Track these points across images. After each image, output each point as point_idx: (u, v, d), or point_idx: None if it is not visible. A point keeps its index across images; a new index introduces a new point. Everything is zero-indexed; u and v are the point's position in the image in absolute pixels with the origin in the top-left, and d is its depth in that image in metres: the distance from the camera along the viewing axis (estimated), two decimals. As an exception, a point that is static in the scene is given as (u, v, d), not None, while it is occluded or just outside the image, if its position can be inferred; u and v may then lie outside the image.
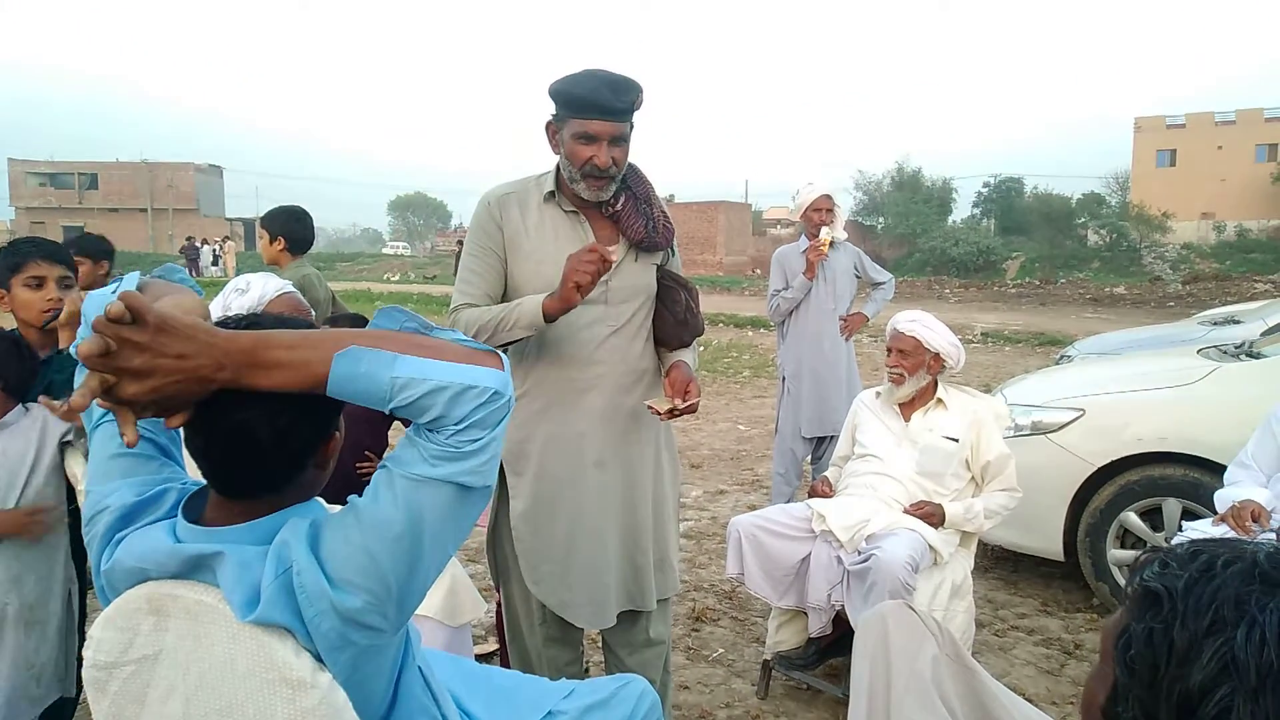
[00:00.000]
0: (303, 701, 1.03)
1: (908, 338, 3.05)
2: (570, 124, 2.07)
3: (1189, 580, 0.76)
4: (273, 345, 1.00)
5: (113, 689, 1.10)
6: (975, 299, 23.45)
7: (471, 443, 1.04)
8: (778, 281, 4.52)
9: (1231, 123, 42.77)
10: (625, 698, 1.60)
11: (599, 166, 2.07)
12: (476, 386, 1.03)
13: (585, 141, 2.06)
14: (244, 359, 0.99)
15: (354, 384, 1.01)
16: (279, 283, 2.25)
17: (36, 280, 2.27)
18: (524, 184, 2.23)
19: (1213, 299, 18.06)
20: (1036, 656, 3.30)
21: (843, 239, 4.45)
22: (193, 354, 0.97)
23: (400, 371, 1.00)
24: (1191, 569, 0.77)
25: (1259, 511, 2.65)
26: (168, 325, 0.96)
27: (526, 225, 2.17)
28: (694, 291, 2.29)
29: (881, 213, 46.16)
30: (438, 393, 1.01)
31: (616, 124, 2.06)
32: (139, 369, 0.95)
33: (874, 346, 12.55)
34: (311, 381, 1.01)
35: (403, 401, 1.01)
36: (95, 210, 51.31)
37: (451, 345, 1.07)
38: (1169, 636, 0.75)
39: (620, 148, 2.10)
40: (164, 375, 0.96)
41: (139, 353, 0.95)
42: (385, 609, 1.06)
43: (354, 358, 1.00)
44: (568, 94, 2.06)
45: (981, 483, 3.05)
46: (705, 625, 3.57)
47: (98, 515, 1.17)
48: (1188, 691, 0.72)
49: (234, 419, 1.04)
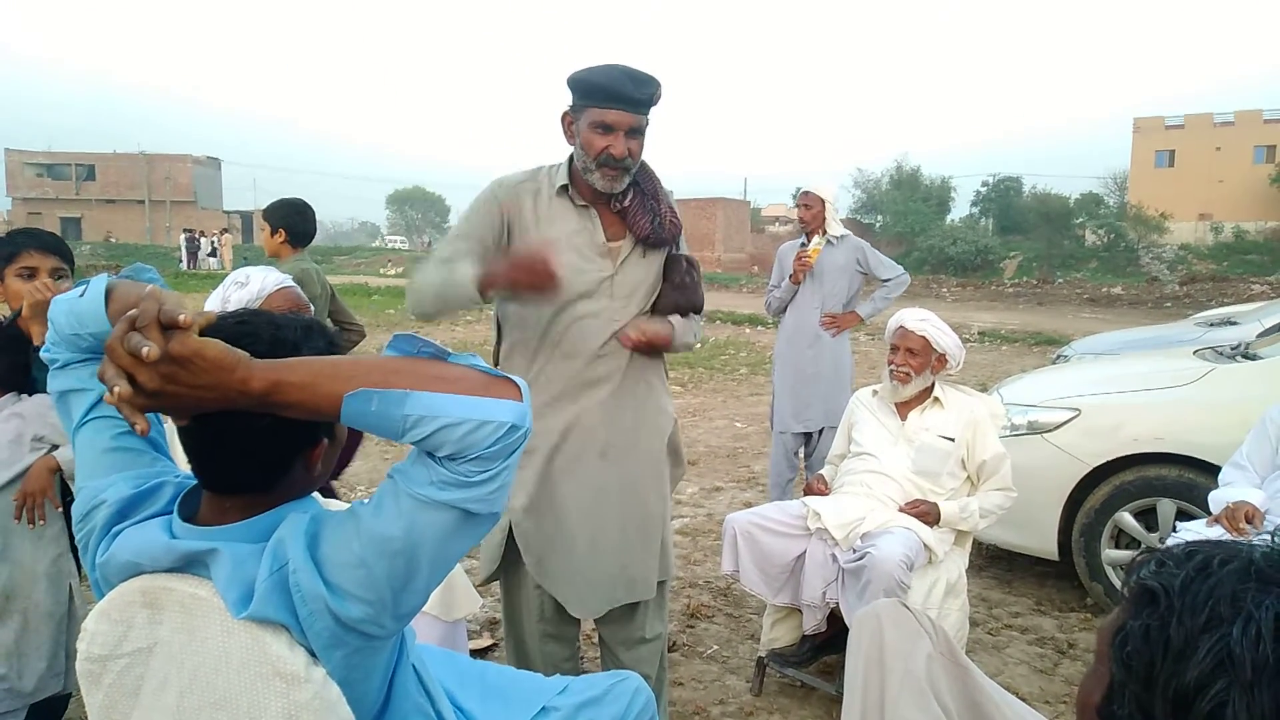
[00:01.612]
0: (296, 696, 1.03)
1: (917, 337, 3.05)
2: (588, 113, 2.08)
3: (1185, 578, 0.77)
4: (284, 387, 0.99)
5: (106, 682, 1.10)
6: (973, 298, 23.47)
7: (481, 473, 1.02)
8: (775, 277, 4.56)
9: (1230, 124, 42.79)
10: (620, 694, 1.60)
11: (615, 156, 2.07)
12: (492, 421, 1.00)
13: (602, 131, 2.07)
14: (259, 398, 0.99)
15: (365, 420, 1.00)
16: (278, 276, 2.25)
17: (29, 271, 2.27)
18: (537, 175, 2.23)
19: (1210, 300, 18.08)
20: (1030, 655, 3.30)
21: (840, 235, 4.41)
22: (210, 386, 0.98)
23: (411, 409, 0.98)
24: (1188, 568, 0.78)
25: (1253, 513, 2.66)
26: (194, 361, 0.96)
27: (538, 216, 2.17)
28: (696, 264, 2.30)
29: (880, 211, 46.17)
30: (451, 428, 0.99)
31: (635, 115, 2.08)
32: (156, 391, 0.97)
33: (871, 345, 12.56)
34: (326, 416, 1.02)
35: (416, 437, 1.00)
36: (92, 201, 51.23)
37: (468, 375, 1.04)
38: (1165, 633, 0.75)
39: (636, 140, 2.11)
40: (180, 399, 0.99)
41: (165, 380, 0.96)
42: (382, 619, 1.06)
43: (364, 399, 0.99)
44: (588, 83, 2.07)
45: (977, 482, 3.06)
46: (700, 622, 3.57)
47: (94, 510, 1.16)
48: (1184, 687, 0.73)
49: (214, 418, 1.04)
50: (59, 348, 1.21)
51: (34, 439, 2.23)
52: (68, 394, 1.23)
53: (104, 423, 1.22)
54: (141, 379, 0.96)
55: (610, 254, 2.18)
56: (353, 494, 5.21)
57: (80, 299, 1.17)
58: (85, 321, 1.16)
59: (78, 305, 1.17)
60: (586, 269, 2.15)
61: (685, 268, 2.26)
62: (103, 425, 1.22)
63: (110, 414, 1.21)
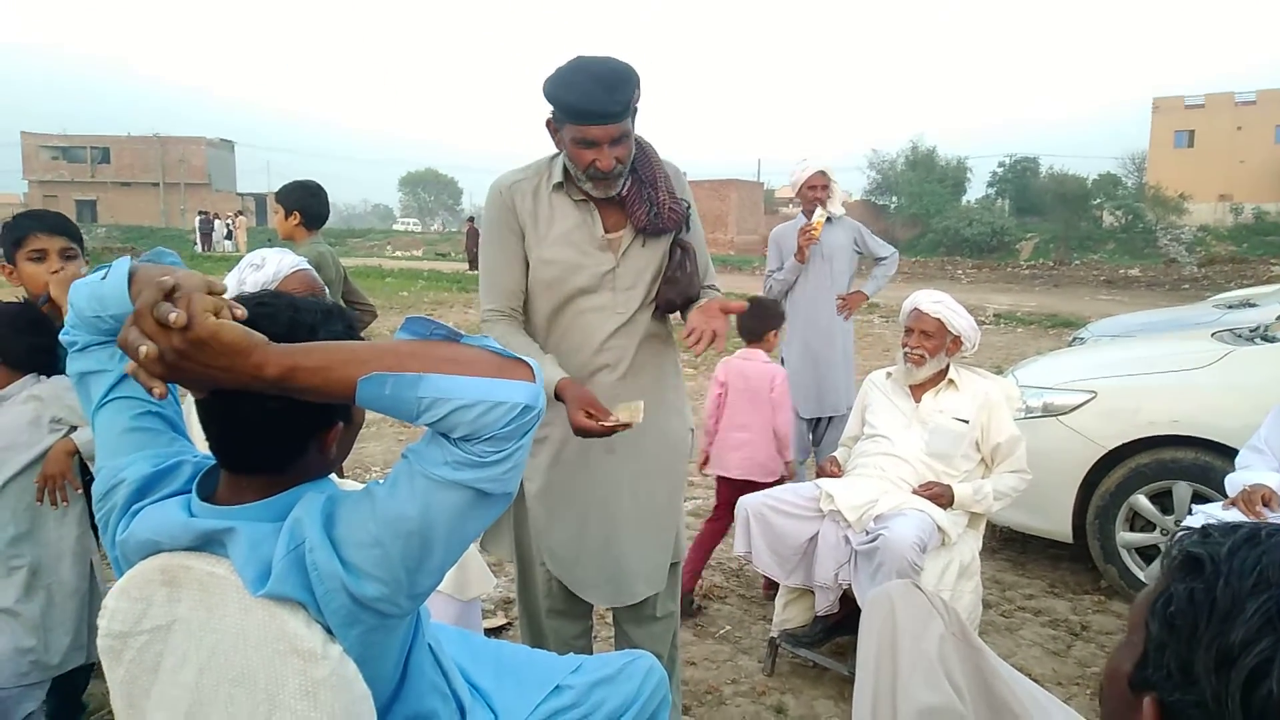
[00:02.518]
0: (314, 672, 1.04)
1: (931, 319, 3.03)
2: (568, 129, 2.01)
3: (1233, 545, 0.77)
4: (299, 372, 1.01)
5: (127, 658, 1.12)
6: (988, 280, 23.30)
7: (496, 453, 1.03)
8: (773, 261, 4.45)
9: (1252, 103, 42.16)
10: (633, 673, 1.61)
11: (602, 170, 2.02)
12: (506, 403, 1.01)
13: (585, 146, 2.00)
14: (274, 383, 1.01)
15: (379, 404, 1.01)
16: (294, 259, 2.25)
17: (39, 253, 2.28)
18: (533, 170, 2.19)
19: (1228, 282, 17.89)
20: (1043, 637, 3.30)
21: (840, 215, 4.35)
22: (228, 368, 1.00)
23: (425, 392, 0.99)
24: (1235, 537, 0.78)
25: (1270, 495, 2.64)
26: (209, 343, 0.98)
27: (537, 213, 2.15)
28: (691, 252, 2.23)
29: (895, 192, 45.83)
30: (465, 409, 1.00)
31: (615, 125, 1.98)
32: (173, 365, 0.99)
33: (884, 327, 12.51)
34: (341, 399, 1.03)
35: (430, 419, 1.01)
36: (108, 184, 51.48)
37: (481, 357, 1.05)
38: (1211, 595, 0.75)
39: (623, 145, 2.03)
40: (196, 375, 1.01)
41: (180, 356, 0.98)
42: (397, 598, 1.07)
43: (378, 383, 1.00)
44: (561, 101, 1.98)
45: (991, 464, 3.05)
46: (712, 602, 3.59)
47: (114, 488, 1.18)
48: (1228, 645, 0.73)
49: (228, 396, 1.05)
50: (78, 330, 1.23)
51: (52, 420, 2.25)
52: (87, 376, 1.24)
53: (124, 403, 1.23)
54: (162, 345, 0.97)
55: (610, 246, 2.15)
56: (368, 474, 5.25)
57: (103, 281, 1.18)
58: (108, 304, 1.17)
59: (100, 288, 1.18)
60: (587, 264, 2.13)
61: (679, 258, 2.20)
62: (122, 405, 1.23)
63: (129, 394, 1.23)
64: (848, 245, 4.40)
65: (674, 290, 2.20)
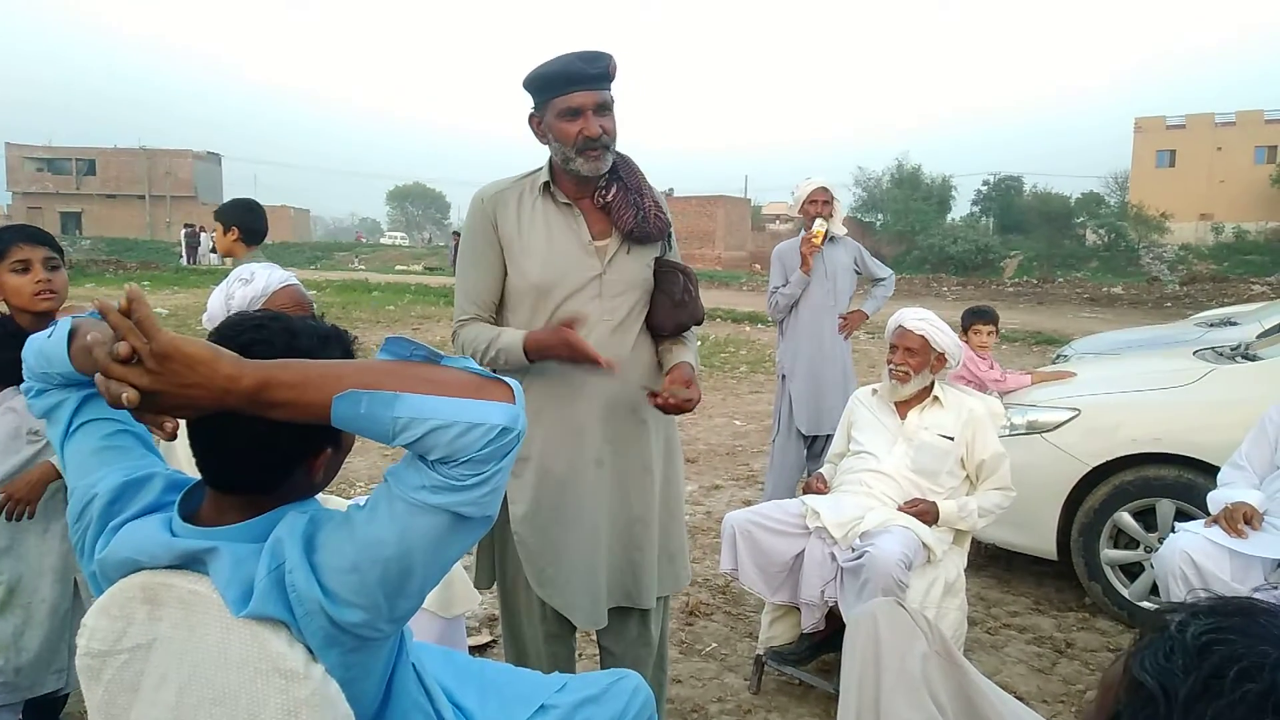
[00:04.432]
0: (296, 692, 1.03)
1: (915, 336, 3.05)
2: (552, 105, 2.07)
3: (1190, 693, 0.67)
4: (274, 385, 0.99)
5: (106, 677, 1.11)
6: (973, 297, 23.42)
7: (474, 476, 1.01)
8: (777, 278, 4.49)
9: (1231, 124, 42.80)
10: (618, 692, 1.59)
11: (590, 137, 2.05)
12: (483, 424, 0.99)
13: (571, 117, 2.05)
14: (246, 399, 0.99)
15: (355, 424, 1.00)
16: (282, 274, 2.25)
17: (22, 265, 2.27)
18: (516, 181, 2.21)
19: (1210, 300, 18.07)
20: (1028, 655, 3.31)
21: (842, 234, 4.43)
22: (202, 383, 0.98)
23: (401, 411, 0.98)
24: (1199, 673, 0.68)
25: (1251, 513, 2.67)
26: (174, 356, 0.97)
27: (521, 221, 2.16)
28: (692, 276, 2.27)
29: (881, 209, 46.15)
30: (442, 430, 0.98)
31: (598, 91, 2.06)
32: (150, 393, 0.98)
33: (870, 343, 12.56)
34: (316, 418, 1.01)
35: (407, 439, 0.99)
36: (93, 196, 51.19)
37: (460, 378, 1.03)
38: None
39: (607, 116, 2.09)
40: (169, 399, 0.99)
41: (154, 380, 0.97)
42: (377, 623, 1.06)
43: (353, 400, 0.99)
44: (542, 77, 2.07)
45: (976, 481, 3.06)
46: (699, 620, 3.57)
47: (88, 505, 1.17)
48: None
49: (215, 417, 1.04)
50: (33, 379, 1.25)
51: (30, 433, 2.23)
52: (51, 410, 1.25)
53: (93, 425, 1.24)
54: (133, 381, 0.97)
55: (597, 253, 2.16)
56: (352, 490, 5.22)
57: (48, 340, 1.20)
58: (53, 362, 1.20)
59: (46, 346, 1.21)
60: (572, 269, 2.13)
61: (684, 283, 2.23)
62: (91, 429, 1.24)
63: (97, 416, 1.24)
64: (849, 265, 4.48)
65: (684, 314, 2.23)
